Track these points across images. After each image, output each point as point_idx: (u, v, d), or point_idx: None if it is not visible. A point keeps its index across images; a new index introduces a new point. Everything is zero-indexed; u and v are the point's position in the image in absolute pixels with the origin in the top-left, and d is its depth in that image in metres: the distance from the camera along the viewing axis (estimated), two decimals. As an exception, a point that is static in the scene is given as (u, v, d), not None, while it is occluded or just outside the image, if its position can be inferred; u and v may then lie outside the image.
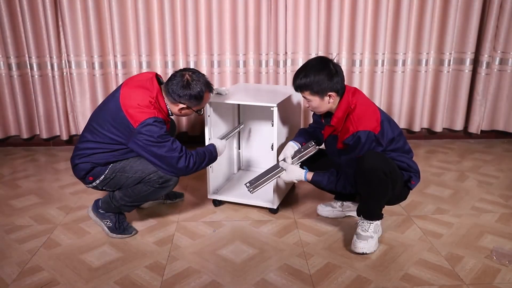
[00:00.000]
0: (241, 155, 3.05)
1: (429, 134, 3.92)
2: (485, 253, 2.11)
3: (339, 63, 3.47)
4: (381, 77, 3.61)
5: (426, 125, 3.84)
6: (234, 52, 3.50)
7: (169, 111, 2.19)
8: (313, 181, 2.19)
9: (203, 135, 2.52)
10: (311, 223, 2.43)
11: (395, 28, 3.52)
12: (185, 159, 2.11)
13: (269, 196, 2.50)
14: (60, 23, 3.42)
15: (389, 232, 2.32)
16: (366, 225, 2.11)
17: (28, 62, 3.49)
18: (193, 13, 3.37)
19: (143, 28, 3.38)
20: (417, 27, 3.54)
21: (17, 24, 3.42)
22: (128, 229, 2.30)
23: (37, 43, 3.42)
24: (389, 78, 3.67)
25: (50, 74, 3.52)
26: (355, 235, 2.13)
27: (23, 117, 3.60)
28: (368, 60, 3.59)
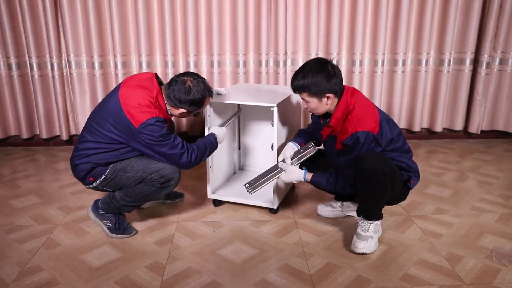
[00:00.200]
0: (241, 155, 3.05)
1: (429, 134, 3.92)
2: (485, 253, 2.11)
3: (338, 63, 3.57)
4: (381, 77, 3.61)
5: (426, 125, 3.84)
6: (234, 52, 3.50)
7: (169, 111, 2.19)
8: (313, 181, 2.19)
9: (203, 135, 2.51)
10: (311, 223, 2.43)
11: (395, 28, 3.52)
12: (187, 155, 2.14)
13: (269, 196, 2.51)
14: (60, 23, 3.43)
15: (389, 232, 2.32)
16: (366, 225, 2.11)
17: (28, 62, 3.49)
18: (193, 13, 3.37)
19: (143, 28, 3.38)
20: (417, 27, 3.54)
21: (17, 24, 3.42)
22: (128, 229, 2.30)
23: (37, 43, 3.42)
24: (389, 78, 3.67)
25: (50, 74, 3.53)
26: (355, 235, 2.13)
27: (23, 117, 3.61)
28: (368, 60, 3.59)
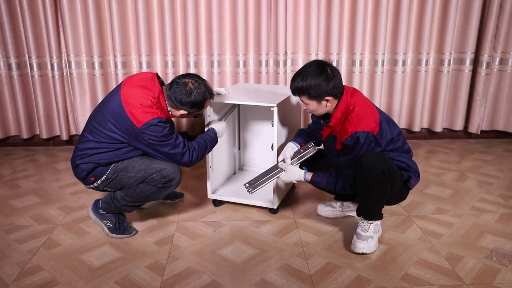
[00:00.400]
0: (241, 155, 3.05)
1: (429, 134, 3.92)
2: (485, 253, 2.11)
3: (338, 63, 3.57)
4: (381, 77, 3.61)
5: (426, 125, 3.84)
6: (234, 52, 3.50)
7: (170, 112, 2.19)
8: (313, 181, 2.19)
9: (203, 135, 2.53)
10: (311, 223, 2.43)
11: (395, 28, 3.52)
12: (189, 154, 2.17)
13: (269, 196, 2.50)
14: (60, 23, 3.43)
15: (389, 232, 2.32)
16: (366, 225, 2.11)
17: (28, 62, 3.49)
18: (193, 13, 3.37)
19: (143, 28, 3.38)
20: (417, 27, 3.54)
21: (17, 24, 3.42)
22: (128, 229, 2.30)
23: (37, 43, 3.42)
24: (389, 78, 3.67)
25: (50, 74, 3.53)
26: (355, 235, 2.13)
27: (23, 117, 3.60)
28: (368, 60, 3.59)
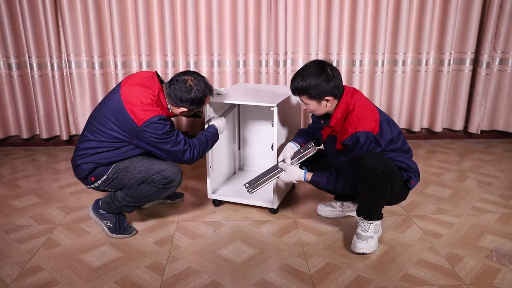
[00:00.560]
0: (241, 155, 3.05)
1: (429, 134, 3.92)
2: (485, 253, 2.11)
3: (339, 63, 3.56)
4: (381, 77, 3.61)
5: (426, 125, 3.84)
6: (234, 52, 3.50)
7: (170, 110, 2.19)
8: (313, 181, 2.19)
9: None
10: (311, 223, 2.43)
11: (395, 28, 3.52)
12: (190, 152, 2.16)
13: (269, 196, 2.50)
14: (60, 23, 3.43)
15: (389, 232, 2.32)
16: (366, 225, 2.11)
17: (28, 62, 3.49)
18: (193, 13, 3.37)
19: (143, 28, 3.38)
20: (417, 27, 3.54)
21: (17, 24, 3.42)
22: (128, 229, 2.30)
23: (37, 43, 3.42)
24: (389, 78, 3.67)
25: (50, 74, 3.53)
26: (355, 235, 2.13)
27: (23, 117, 3.60)
28: (368, 60, 3.59)
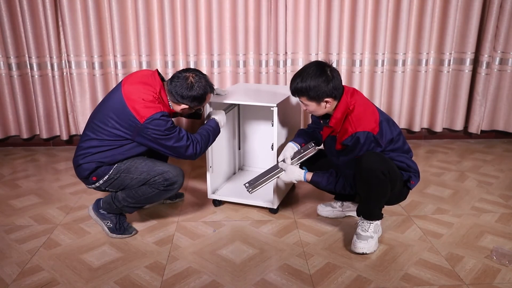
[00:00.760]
0: (241, 155, 3.05)
1: (429, 134, 3.92)
2: (485, 253, 2.11)
3: (338, 63, 3.56)
4: (381, 77, 3.61)
5: (426, 125, 3.84)
6: (234, 52, 3.50)
7: (171, 107, 2.20)
8: (313, 181, 2.19)
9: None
10: (311, 223, 2.43)
11: (395, 28, 3.52)
12: (193, 147, 2.18)
13: (269, 196, 2.50)
14: (60, 23, 3.42)
15: (389, 232, 2.32)
16: (366, 225, 2.11)
17: (28, 62, 3.49)
18: (193, 13, 3.37)
19: (143, 28, 3.38)
20: (417, 27, 3.54)
21: (17, 24, 3.42)
22: (128, 229, 2.30)
23: (37, 43, 3.42)
24: (389, 78, 3.67)
25: (50, 74, 3.53)
26: (355, 235, 2.13)
27: (23, 117, 3.60)
28: (368, 60, 3.59)
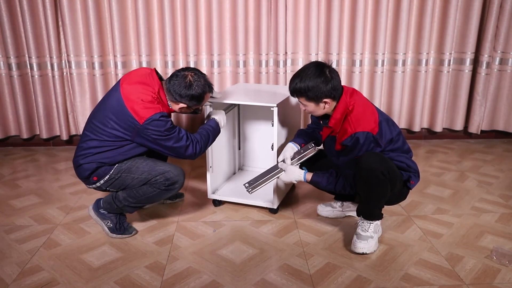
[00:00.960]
0: (241, 155, 3.05)
1: (429, 134, 3.92)
2: (485, 253, 2.11)
3: (338, 63, 3.56)
4: (381, 77, 3.61)
5: (426, 125, 3.84)
6: (234, 52, 3.50)
7: (170, 106, 2.20)
8: (313, 181, 2.19)
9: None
10: (311, 223, 2.43)
11: (395, 28, 3.52)
12: (192, 147, 2.17)
13: (269, 196, 2.50)
14: (60, 23, 3.42)
15: (389, 232, 2.32)
16: (366, 225, 2.11)
17: (28, 62, 3.48)
18: (193, 13, 3.37)
19: (143, 28, 3.38)
20: (417, 27, 3.54)
21: (17, 24, 3.41)
22: (128, 229, 2.30)
23: (37, 43, 3.42)
24: (389, 78, 3.67)
25: (50, 74, 3.52)
26: (355, 235, 2.13)
27: (23, 117, 3.60)
28: (368, 60, 3.58)
